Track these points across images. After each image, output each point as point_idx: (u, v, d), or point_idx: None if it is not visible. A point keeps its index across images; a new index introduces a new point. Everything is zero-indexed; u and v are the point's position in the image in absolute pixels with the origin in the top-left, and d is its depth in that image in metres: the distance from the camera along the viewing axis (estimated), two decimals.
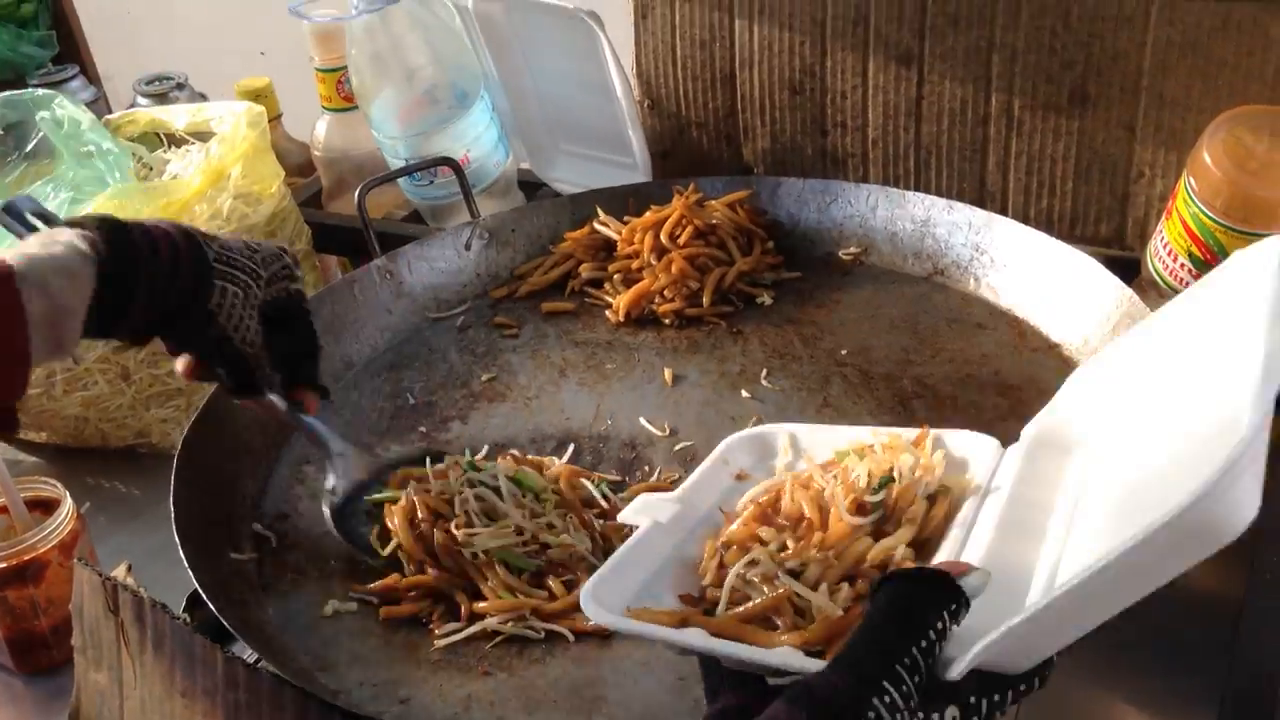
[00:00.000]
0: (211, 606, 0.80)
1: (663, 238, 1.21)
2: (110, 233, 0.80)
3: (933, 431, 0.79)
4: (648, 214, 1.25)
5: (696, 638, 0.64)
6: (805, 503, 0.74)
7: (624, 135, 1.39)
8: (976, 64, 1.25)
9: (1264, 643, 0.82)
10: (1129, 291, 1.00)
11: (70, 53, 2.03)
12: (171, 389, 1.22)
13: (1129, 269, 1.19)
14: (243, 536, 0.96)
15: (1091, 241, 1.27)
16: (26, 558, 0.96)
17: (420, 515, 0.89)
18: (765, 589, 0.68)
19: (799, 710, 0.50)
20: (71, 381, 1.19)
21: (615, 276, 1.23)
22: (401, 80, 1.37)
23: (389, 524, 0.91)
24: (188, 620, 0.76)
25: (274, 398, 0.95)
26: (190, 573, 0.83)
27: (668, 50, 1.40)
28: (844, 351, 1.11)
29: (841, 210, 1.25)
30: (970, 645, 0.53)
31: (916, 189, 1.29)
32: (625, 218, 1.27)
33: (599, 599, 0.68)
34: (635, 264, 1.23)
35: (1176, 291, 1.14)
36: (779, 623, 0.66)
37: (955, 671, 0.53)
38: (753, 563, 0.69)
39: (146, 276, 0.81)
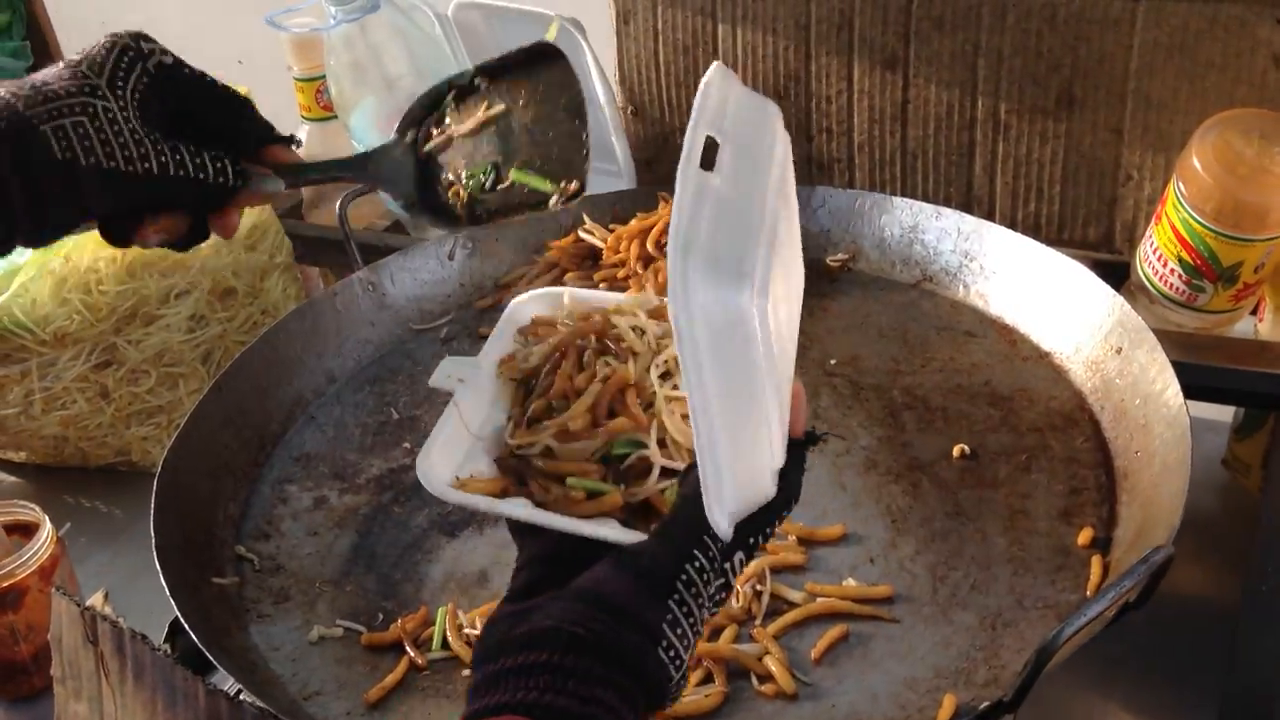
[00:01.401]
0: (193, 636, 0.79)
1: (649, 245, 1.20)
2: None
3: None
4: (633, 222, 1.24)
5: (520, 509, 0.66)
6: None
7: (607, 142, 1.38)
8: (962, 68, 1.24)
9: (1261, 650, 0.82)
10: (1120, 299, 0.99)
11: (45, 64, 2.01)
12: (151, 406, 1.20)
13: (1118, 273, 1.18)
14: (224, 560, 0.94)
15: (1079, 245, 1.26)
16: (5, 584, 0.95)
17: None
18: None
19: (626, 573, 0.58)
20: (50, 400, 1.17)
21: (601, 285, 1.22)
22: (381, 89, 1.36)
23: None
24: (168, 651, 0.75)
25: (263, 184, 0.81)
26: (171, 601, 0.82)
27: (650, 56, 1.38)
28: (833, 361, 1.09)
29: (828, 216, 1.24)
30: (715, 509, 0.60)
31: (903, 194, 1.28)
32: (610, 225, 1.26)
33: (431, 471, 0.69)
34: (621, 273, 1.21)
35: (1167, 297, 1.13)
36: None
37: (726, 533, 0.60)
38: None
39: None
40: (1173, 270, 1.11)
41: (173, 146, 0.75)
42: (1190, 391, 0.89)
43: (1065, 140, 1.22)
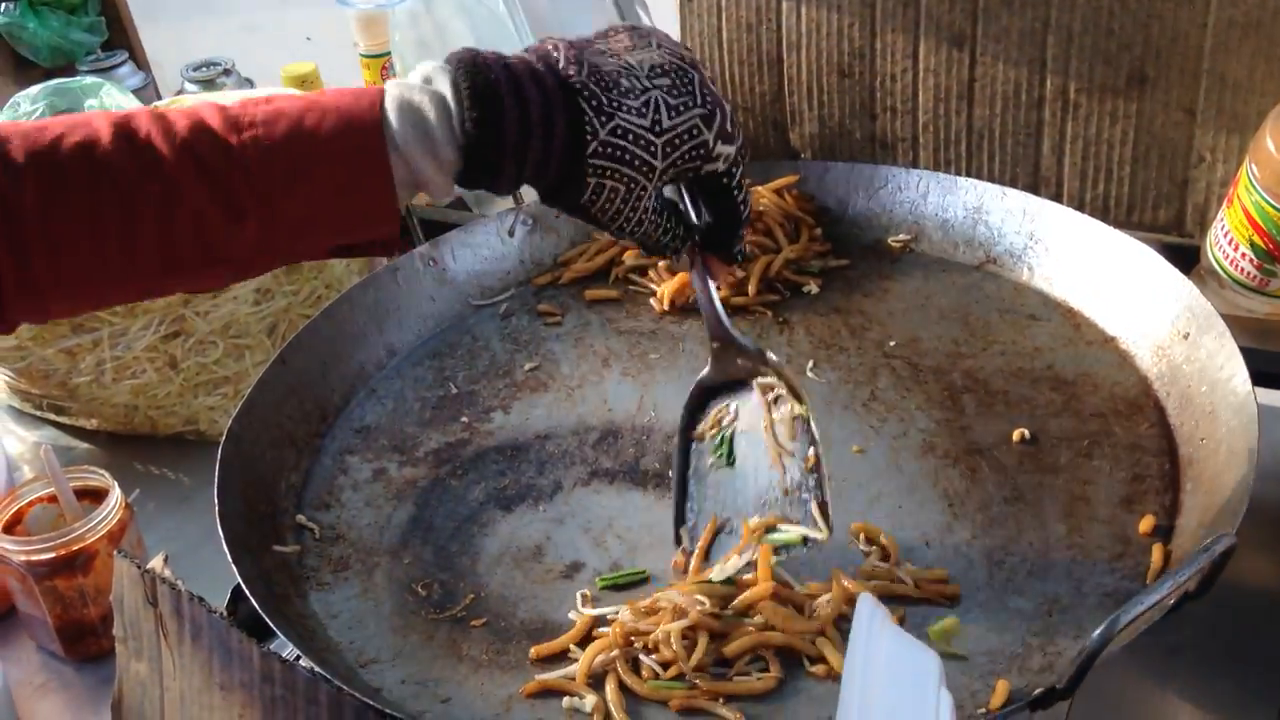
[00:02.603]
0: (254, 602, 0.80)
1: None
2: (481, 112, 0.72)
3: None
4: None
5: None
6: None
7: None
8: (1031, 45, 1.21)
9: None
10: (1189, 284, 0.97)
11: (119, 39, 2.05)
12: (219, 377, 1.23)
13: (1188, 257, 1.16)
14: (286, 528, 0.96)
15: (1149, 228, 1.24)
16: (75, 548, 0.98)
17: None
18: None
19: None
20: (121, 370, 1.20)
21: (660, 264, 1.22)
22: None
23: None
24: (225, 614, 0.76)
25: (682, 263, 0.89)
26: (233, 567, 0.83)
27: (713, 34, 1.38)
28: (892, 343, 1.09)
29: (891, 196, 1.23)
30: None
31: (968, 174, 1.26)
32: None
33: None
34: None
35: (1237, 281, 1.11)
36: None
37: None
38: None
39: (512, 163, 0.74)
40: (1244, 254, 1.08)
41: (656, 218, 0.81)
42: (1260, 378, 0.87)
43: (1136, 120, 1.20)
